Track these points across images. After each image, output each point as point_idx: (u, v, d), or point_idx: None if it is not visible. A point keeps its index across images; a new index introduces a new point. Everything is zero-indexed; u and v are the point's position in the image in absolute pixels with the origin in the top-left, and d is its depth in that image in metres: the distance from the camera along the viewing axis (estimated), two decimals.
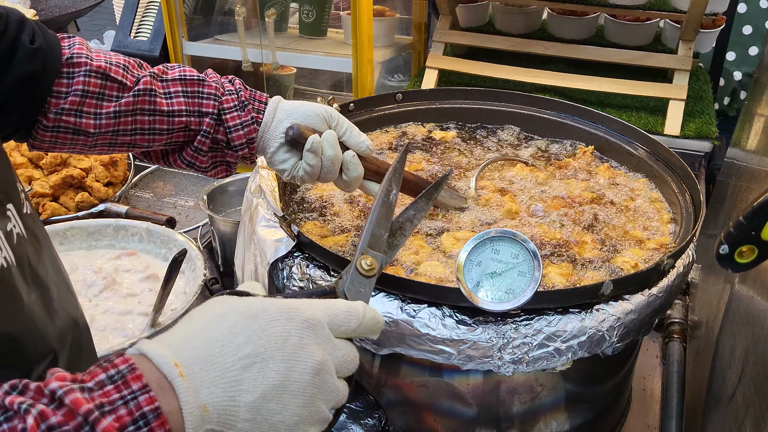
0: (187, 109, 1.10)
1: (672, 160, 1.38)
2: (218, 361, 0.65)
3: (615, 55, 2.12)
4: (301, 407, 0.69)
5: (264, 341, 0.67)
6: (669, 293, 1.10)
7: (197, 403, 0.61)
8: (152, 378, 0.61)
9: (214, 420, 0.63)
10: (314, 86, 2.69)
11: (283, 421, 0.67)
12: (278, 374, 0.67)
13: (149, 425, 0.57)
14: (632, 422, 1.36)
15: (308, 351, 0.70)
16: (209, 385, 0.63)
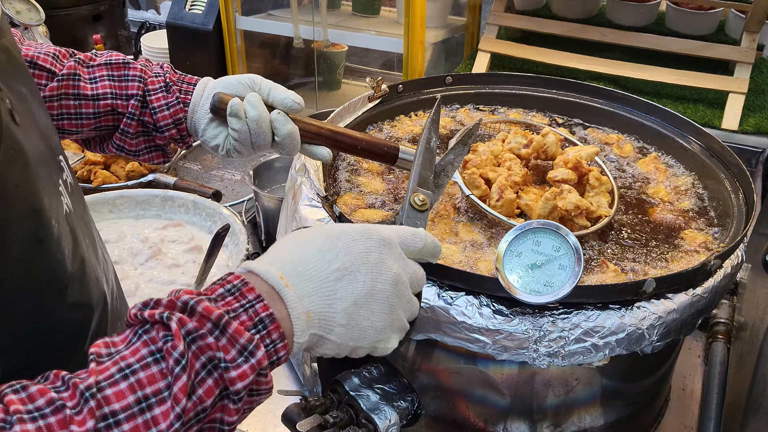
0: (113, 92, 1.10)
1: (726, 156, 1.34)
2: (314, 275, 0.73)
3: (674, 44, 2.06)
4: (386, 314, 0.77)
5: (350, 257, 0.76)
6: (714, 294, 1.08)
7: (302, 310, 0.70)
8: (263, 290, 0.69)
9: (316, 325, 0.72)
10: (365, 65, 2.68)
11: (372, 326, 0.76)
12: (365, 284, 0.75)
13: (267, 328, 0.66)
14: (669, 421, 1.34)
15: (387, 265, 0.78)
16: (309, 294, 0.72)
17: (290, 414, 1.21)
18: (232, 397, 0.63)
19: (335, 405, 1.22)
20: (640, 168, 1.42)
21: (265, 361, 0.65)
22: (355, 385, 1.21)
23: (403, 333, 0.82)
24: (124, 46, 2.83)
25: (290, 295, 0.70)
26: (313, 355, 0.77)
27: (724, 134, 1.85)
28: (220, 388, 0.62)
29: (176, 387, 0.59)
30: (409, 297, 0.81)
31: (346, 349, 0.77)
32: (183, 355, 0.60)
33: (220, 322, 0.63)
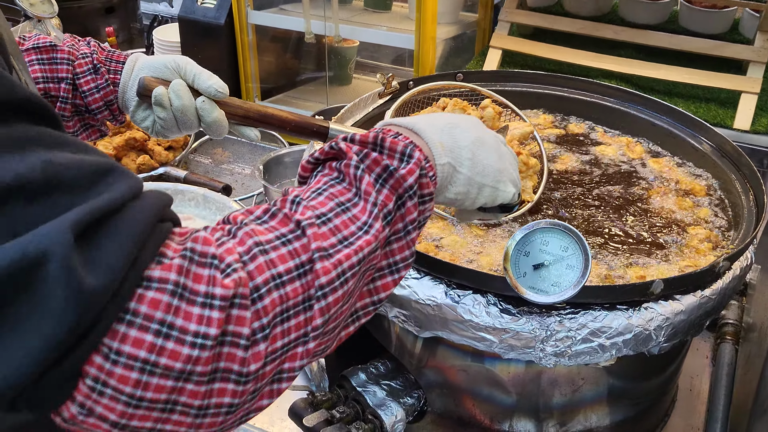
0: (44, 76, 1.10)
1: (737, 157, 1.33)
2: (434, 125, 0.85)
3: (687, 43, 2.05)
4: (498, 158, 0.90)
5: (456, 118, 0.89)
6: (723, 295, 1.07)
7: (436, 140, 0.82)
8: (400, 130, 0.81)
9: (449, 154, 0.83)
10: (376, 60, 2.68)
11: (490, 164, 0.88)
12: (474, 133, 0.88)
13: (412, 152, 0.75)
14: (675, 422, 1.34)
15: (486, 129, 0.93)
16: (436, 132, 0.83)
17: (297, 409, 1.22)
18: (407, 193, 0.73)
19: (342, 400, 1.22)
20: (652, 166, 1.41)
21: (423, 160, 0.75)
22: (362, 380, 1.22)
23: (517, 187, 0.94)
24: (136, 38, 2.84)
25: (423, 129, 0.81)
26: (446, 197, 0.87)
27: (736, 134, 1.83)
28: (396, 194, 0.73)
29: (363, 186, 0.71)
30: (513, 160, 0.95)
31: (474, 188, 0.88)
32: (359, 164, 0.72)
33: (377, 140, 0.74)
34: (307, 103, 2.31)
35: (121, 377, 0.54)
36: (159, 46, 2.36)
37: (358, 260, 0.68)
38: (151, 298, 0.55)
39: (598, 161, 1.45)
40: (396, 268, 0.76)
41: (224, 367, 0.58)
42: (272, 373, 0.63)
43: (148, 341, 0.54)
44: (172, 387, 0.55)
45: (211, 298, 0.57)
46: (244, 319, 0.59)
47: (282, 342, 0.62)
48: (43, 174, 0.52)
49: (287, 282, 0.63)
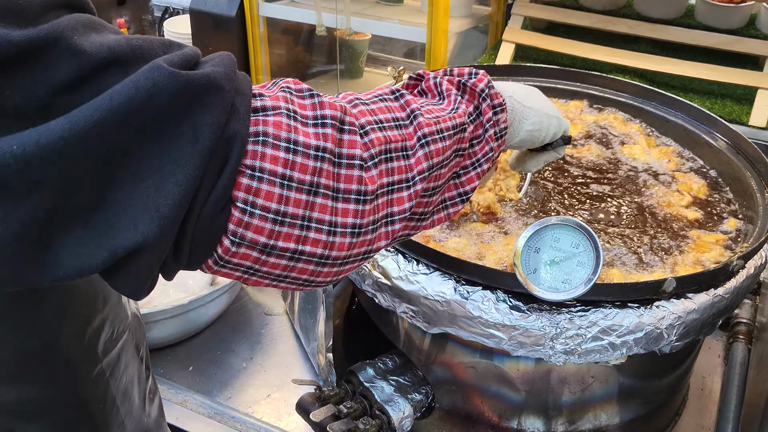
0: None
1: (752, 154, 1.31)
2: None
3: (703, 38, 2.02)
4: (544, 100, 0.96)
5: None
6: (736, 295, 1.06)
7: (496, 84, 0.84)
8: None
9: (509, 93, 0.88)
10: (388, 53, 2.67)
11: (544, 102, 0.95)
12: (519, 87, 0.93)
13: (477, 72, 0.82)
14: (686, 421, 1.32)
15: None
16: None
17: (304, 403, 1.22)
18: (481, 96, 0.80)
19: (349, 395, 1.22)
20: (666, 166, 1.40)
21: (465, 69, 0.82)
22: (370, 376, 1.21)
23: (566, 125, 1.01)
24: (147, 30, 2.84)
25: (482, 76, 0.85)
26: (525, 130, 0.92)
27: (752, 131, 1.81)
28: (473, 104, 0.80)
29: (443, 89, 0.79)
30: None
31: (545, 118, 0.93)
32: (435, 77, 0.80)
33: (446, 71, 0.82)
34: None
35: (267, 194, 0.57)
36: (170, 38, 2.36)
37: (452, 125, 0.74)
38: (273, 121, 0.58)
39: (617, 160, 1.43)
40: (478, 164, 0.80)
41: (344, 188, 0.62)
42: (384, 210, 0.67)
43: (282, 157, 0.58)
44: (306, 201, 0.60)
45: (322, 118, 0.61)
46: (356, 143, 0.63)
47: (389, 179, 0.67)
48: (129, 46, 0.52)
49: (388, 128, 0.68)
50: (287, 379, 1.33)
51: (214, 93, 0.54)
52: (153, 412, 0.93)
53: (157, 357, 1.43)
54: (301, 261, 0.62)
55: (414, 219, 0.74)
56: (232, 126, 0.55)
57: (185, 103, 0.52)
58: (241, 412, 1.30)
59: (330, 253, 0.63)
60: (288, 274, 0.63)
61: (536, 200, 1.27)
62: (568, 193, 1.30)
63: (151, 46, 0.54)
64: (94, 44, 0.50)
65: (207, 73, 0.54)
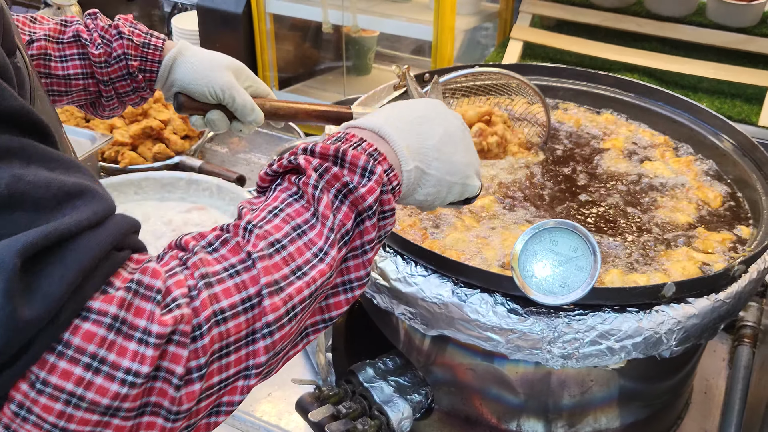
0: (83, 72, 1.10)
1: (758, 156, 1.29)
2: (403, 119, 0.82)
3: (713, 37, 2.00)
4: (464, 152, 0.87)
5: (426, 109, 0.87)
6: (738, 299, 1.05)
7: (403, 144, 0.78)
8: (365, 135, 0.77)
9: (416, 157, 0.80)
10: (396, 50, 2.66)
11: (458, 160, 0.85)
12: (442, 126, 0.85)
13: (377, 160, 0.72)
14: (689, 425, 1.31)
15: (452, 116, 0.89)
16: (403, 132, 0.80)
17: (303, 403, 1.22)
18: (366, 213, 0.71)
19: (349, 395, 1.22)
20: (673, 165, 1.38)
21: (384, 177, 0.72)
22: (370, 376, 1.21)
23: (479, 178, 0.91)
24: (157, 26, 2.84)
25: (389, 132, 0.78)
26: (416, 199, 0.84)
27: (762, 131, 1.79)
28: (354, 212, 0.70)
29: (321, 207, 0.68)
30: (473, 149, 0.91)
31: (444, 187, 0.85)
32: (317, 182, 0.69)
33: (338, 153, 0.70)
34: (325, 93, 2.30)
35: (45, 407, 0.53)
36: (177, 35, 2.36)
37: (310, 293, 0.66)
38: (86, 330, 0.54)
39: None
40: (350, 287, 0.73)
41: (154, 401, 0.57)
42: (209, 408, 0.62)
43: (77, 374, 0.53)
44: (98, 421, 0.54)
45: (148, 335, 0.55)
46: (180, 358, 0.57)
47: (219, 378, 0.61)
48: (8, 189, 0.51)
49: (230, 318, 0.61)
50: (288, 378, 1.33)
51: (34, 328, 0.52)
52: None
53: None
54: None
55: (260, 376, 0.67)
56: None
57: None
58: (241, 411, 1.30)
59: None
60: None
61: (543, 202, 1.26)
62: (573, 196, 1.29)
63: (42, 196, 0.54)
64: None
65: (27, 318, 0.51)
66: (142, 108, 1.95)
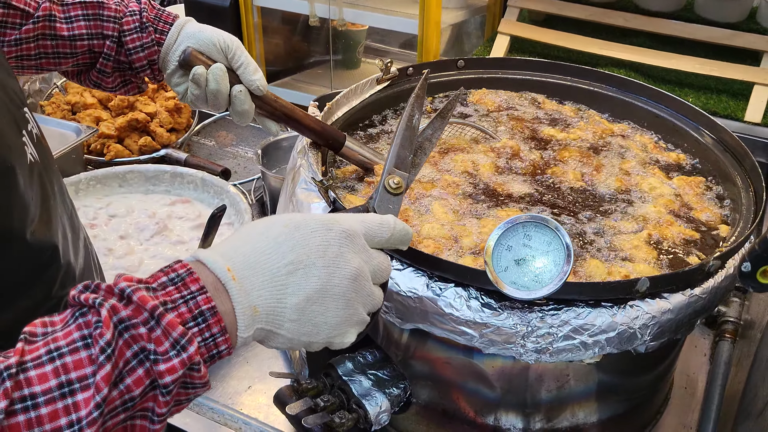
0: (89, 33, 1.11)
1: (738, 150, 1.30)
2: (266, 267, 0.71)
3: (700, 32, 2.00)
4: (342, 309, 0.75)
5: (306, 249, 0.73)
6: (714, 295, 1.05)
7: (248, 304, 0.68)
8: (208, 281, 0.67)
9: (263, 320, 0.70)
10: (386, 44, 2.65)
11: (325, 321, 0.74)
12: (320, 279, 0.73)
13: (207, 322, 0.64)
14: (668, 420, 1.31)
15: (346, 258, 0.75)
16: (258, 288, 0.70)
17: (282, 396, 1.21)
18: (161, 389, 0.62)
19: (327, 389, 1.22)
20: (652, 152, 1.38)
21: (196, 357, 0.63)
22: (349, 369, 1.21)
23: (363, 326, 0.80)
24: None
25: (236, 288, 0.68)
26: (267, 347, 0.75)
27: (747, 126, 1.79)
28: (150, 379, 0.62)
29: (98, 376, 0.58)
30: (370, 290, 0.79)
31: (300, 344, 0.75)
32: (109, 343, 0.59)
33: (154, 313, 0.62)
34: (313, 87, 2.29)
35: None
36: None
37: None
38: None
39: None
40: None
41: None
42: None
43: None
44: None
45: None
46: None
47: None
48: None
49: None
50: (268, 371, 1.33)
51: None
52: None
53: None
54: None
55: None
56: None
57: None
58: (220, 404, 1.30)
59: None
60: None
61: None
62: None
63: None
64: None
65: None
66: (128, 101, 1.94)
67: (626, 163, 1.35)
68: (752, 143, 1.72)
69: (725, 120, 1.79)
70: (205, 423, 1.28)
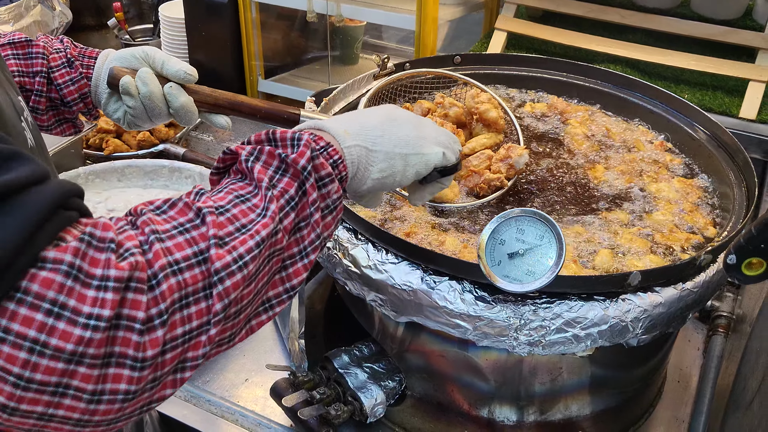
0: (19, 71, 1.11)
1: (732, 145, 1.31)
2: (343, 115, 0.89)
3: (695, 29, 2.01)
4: (414, 128, 0.91)
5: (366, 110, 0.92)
6: (706, 289, 1.06)
7: (340, 129, 0.84)
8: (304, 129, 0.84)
9: (355, 138, 0.85)
10: (384, 40, 2.66)
11: (406, 134, 0.90)
12: (383, 111, 0.92)
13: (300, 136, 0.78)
14: (661, 414, 1.32)
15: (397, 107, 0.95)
16: (341, 121, 0.86)
17: (278, 388, 1.23)
18: (303, 175, 0.75)
19: (324, 382, 1.23)
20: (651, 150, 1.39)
21: (312, 143, 0.77)
22: (345, 362, 1.22)
23: (446, 147, 0.95)
24: (146, 14, 2.84)
25: (326, 123, 0.84)
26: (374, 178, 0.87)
27: (741, 123, 1.80)
28: (296, 182, 0.75)
29: (255, 174, 0.73)
30: (436, 127, 0.97)
31: (398, 159, 0.89)
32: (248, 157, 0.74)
33: (268, 135, 0.77)
34: (311, 83, 2.30)
35: (8, 356, 0.54)
36: (164, 23, 2.36)
37: (255, 243, 0.68)
38: (43, 278, 0.55)
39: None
40: (305, 253, 0.76)
41: (119, 351, 0.58)
42: (174, 362, 0.63)
43: (39, 320, 0.54)
44: (63, 369, 0.55)
45: (106, 280, 0.57)
46: (140, 303, 0.59)
47: (183, 329, 0.62)
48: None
49: (185, 269, 0.63)
50: (265, 364, 1.34)
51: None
52: None
53: None
54: (53, 421, 0.58)
55: (222, 344, 0.71)
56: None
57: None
58: (217, 396, 1.31)
59: (91, 418, 0.59)
60: (41, 429, 0.59)
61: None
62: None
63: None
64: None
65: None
66: None
67: (628, 156, 1.37)
68: (747, 139, 1.73)
69: (720, 116, 1.80)
70: (203, 415, 1.29)
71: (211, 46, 2.21)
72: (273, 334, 1.46)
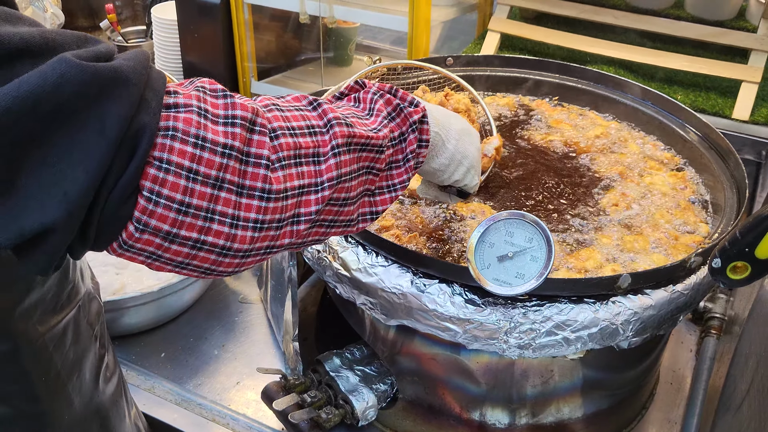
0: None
1: (723, 146, 1.30)
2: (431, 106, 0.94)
3: (689, 29, 2.01)
4: (475, 150, 1.00)
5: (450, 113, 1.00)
6: (696, 291, 1.06)
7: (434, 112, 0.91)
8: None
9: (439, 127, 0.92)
10: (378, 41, 2.66)
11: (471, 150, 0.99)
12: (462, 123, 0.98)
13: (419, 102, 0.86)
14: (653, 416, 1.32)
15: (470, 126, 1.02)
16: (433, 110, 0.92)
17: (269, 392, 1.22)
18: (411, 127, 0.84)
19: (315, 385, 1.22)
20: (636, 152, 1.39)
21: (423, 111, 0.85)
22: (336, 365, 1.22)
23: (480, 172, 1.05)
24: (139, 15, 2.83)
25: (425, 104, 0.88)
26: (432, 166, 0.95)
27: (734, 124, 1.80)
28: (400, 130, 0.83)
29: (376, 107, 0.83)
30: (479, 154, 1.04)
31: (455, 163, 0.96)
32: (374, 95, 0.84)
33: (392, 89, 0.85)
34: (304, 84, 2.29)
35: (172, 185, 0.60)
36: (157, 24, 2.35)
37: (367, 143, 0.77)
38: (183, 117, 0.61)
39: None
40: (393, 188, 0.84)
41: (249, 185, 0.65)
42: (291, 211, 0.70)
43: (189, 152, 0.60)
44: (210, 194, 0.62)
45: (232, 118, 0.64)
46: (264, 144, 0.66)
47: (299, 182, 0.69)
48: (42, 38, 0.54)
49: (300, 135, 0.71)
50: (256, 367, 1.34)
51: (122, 85, 0.56)
52: (108, 390, 0.94)
53: (131, 343, 1.44)
54: (203, 250, 0.65)
55: (323, 225, 0.77)
56: (141, 119, 0.57)
57: (92, 93, 0.54)
58: (208, 399, 1.31)
59: (232, 245, 0.66)
60: (190, 261, 0.66)
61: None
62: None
63: (64, 40, 0.56)
64: (7, 34, 0.52)
65: (114, 67, 0.55)
66: None
67: (621, 157, 1.37)
68: (740, 140, 1.73)
69: (713, 117, 1.80)
70: (193, 419, 1.28)
71: (203, 48, 2.20)
72: (267, 337, 1.46)
